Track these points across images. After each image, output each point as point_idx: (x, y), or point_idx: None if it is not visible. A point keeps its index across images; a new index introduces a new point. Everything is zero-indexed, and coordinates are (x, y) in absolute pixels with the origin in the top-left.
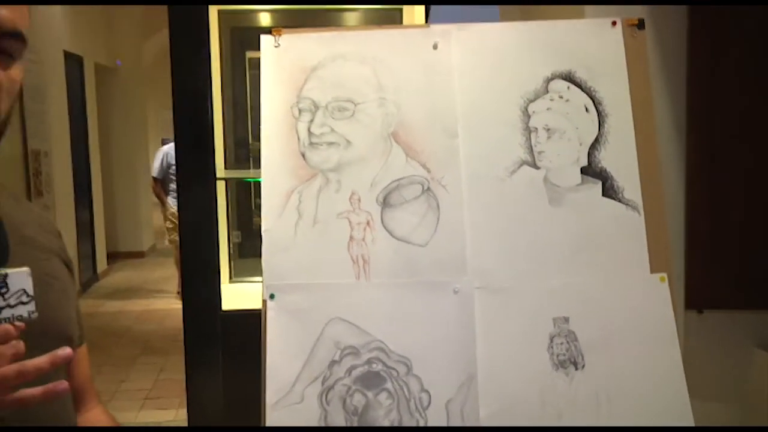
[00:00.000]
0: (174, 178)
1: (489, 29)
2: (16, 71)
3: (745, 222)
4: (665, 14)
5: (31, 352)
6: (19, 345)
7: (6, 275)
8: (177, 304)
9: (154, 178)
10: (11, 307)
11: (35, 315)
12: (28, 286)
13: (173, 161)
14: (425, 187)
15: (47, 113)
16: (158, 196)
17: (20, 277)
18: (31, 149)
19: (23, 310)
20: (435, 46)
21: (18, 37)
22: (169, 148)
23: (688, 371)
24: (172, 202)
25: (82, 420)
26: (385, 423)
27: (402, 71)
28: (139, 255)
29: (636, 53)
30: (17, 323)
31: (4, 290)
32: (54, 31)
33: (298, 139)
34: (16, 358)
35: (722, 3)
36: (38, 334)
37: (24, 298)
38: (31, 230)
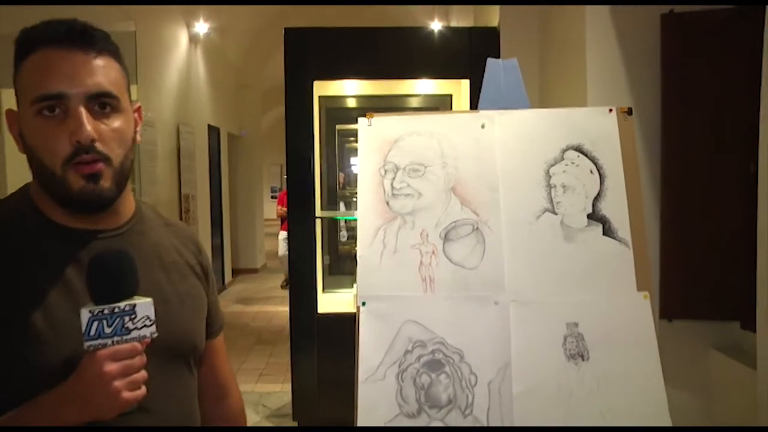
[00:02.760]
0: None
1: (522, 114)
2: (118, 123)
3: (706, 255)
4: (647, 103)
5: (165, 364)
6: (143, 358)
7: (135, 305)
8: (282, 307)
9: None
10: (138, 329)
11: (155, 335)
12: (151, 313)
13: None
14: (475, 227)
15: (195, 168)
16: None
17: (145, 307)
18: (184, 193)
19: (146, 332)
20: (483, 126)
21: (110, 95)
22: None
23: (662, 366)
24: None
25: (222, 406)
26: (444, 396)
27: (459, 143)
28: (254, 271)
29: (626, 131)
30: (143, 341)
31: (133, 316)
32: (202, 111)
33: (384, 191)
34: (141, 366)
35: None
36: (169, 341)
37: (147, 323)
38: (174, 254)
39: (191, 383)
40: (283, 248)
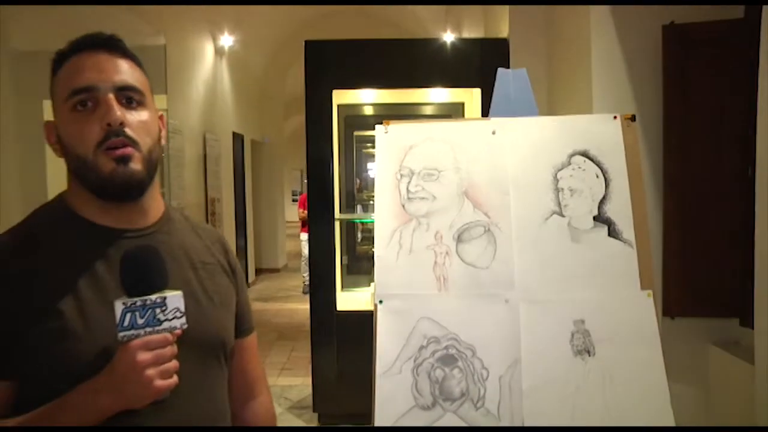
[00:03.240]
0: None
1: (530, 121)
2: (144, 116)
3: (706, 255)
4: (650, 110)
5: (194, 357)
6: (174, 348)
7: (165, 297)
8: (302, 305)
9: None
10: (169, 320)
11: (185, 326)
12: (181, 305)
13: None
14: (486, 229)
15: (221, 173)
16: None
17: (175, 299)
18: (210, 197)
19: (177, 323)
20: (493, 132)
21: (135, 89)
22: None
23: (665, 361)
24: None
25: (250, 407)
26: (457, 390)
27: (471, 149)
28: (275, 270)
29: (630, 137)
30: (174, 332)
31: (163, 308)
32: (227, 119)
33: (400, 194)
34: (173, 356)
35: None
36: (198, 336)
37: (178, 314)
38: (203, 254)
39: (220, 377)
40: (306, 249)
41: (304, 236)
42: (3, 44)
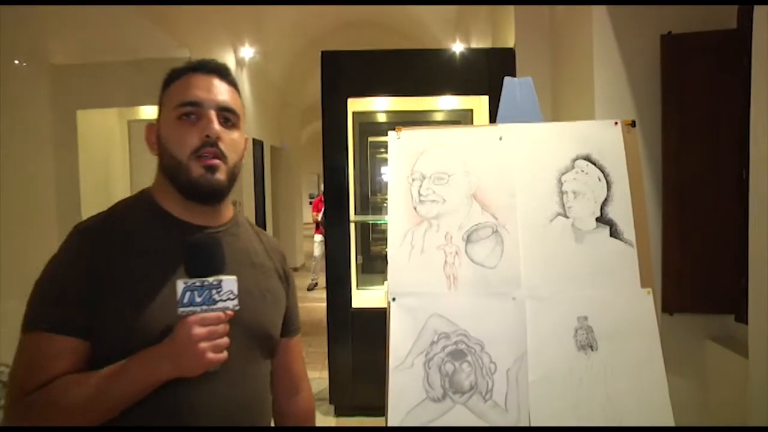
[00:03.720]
0: None
1: (536, 127)
2: (236, 135)
3: (703, 254)
4: (649, 116)
5: (241, 341)
6: (227, 326)
7: (221, 280)
8: (319, 303)
9: None
10: (223, 301)
11: (237, 308)
12: (234, 288)
13: None
14: (494, 230)
15: (242, 177)
16: None
17: (230, 282)
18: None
19: (230, 304)
20: (500, 138)
21: (233, 111)
22: None
23: (663, 355)
24: None
25: (294, 402)
26: (466, 383)
27: (479, 154)
28: (294, 269)
29: (630, 142)
30: (227, 312)
31: (219, 289)
32: (248, 126)
33: (412, 197)
34: (225, 333)
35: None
36: (247, 325)
37: (231, 296)
38: (262, 257)
39: (261, 366)
40: (318, 250)
41: (318, 237)
42: (43, 59)
